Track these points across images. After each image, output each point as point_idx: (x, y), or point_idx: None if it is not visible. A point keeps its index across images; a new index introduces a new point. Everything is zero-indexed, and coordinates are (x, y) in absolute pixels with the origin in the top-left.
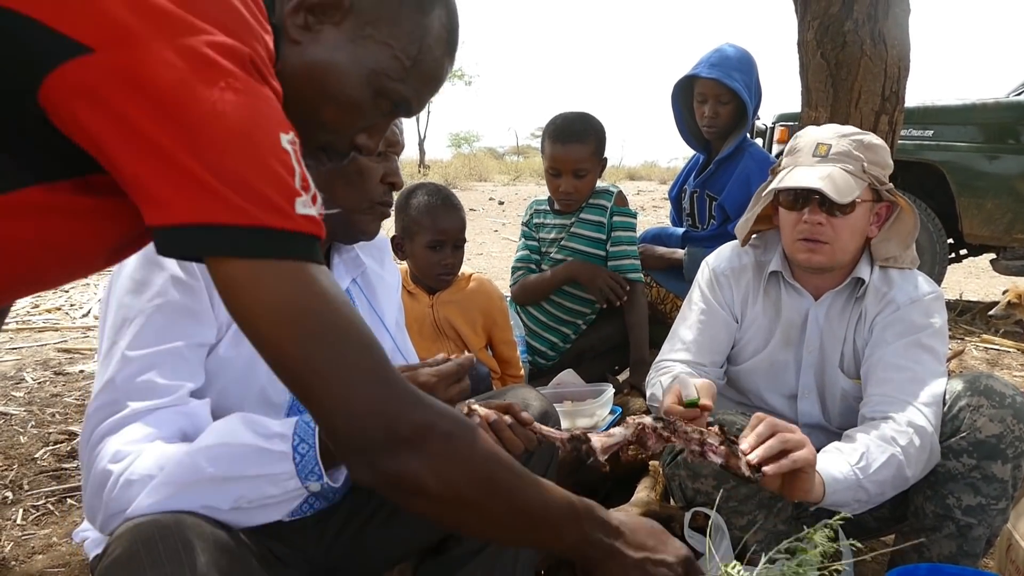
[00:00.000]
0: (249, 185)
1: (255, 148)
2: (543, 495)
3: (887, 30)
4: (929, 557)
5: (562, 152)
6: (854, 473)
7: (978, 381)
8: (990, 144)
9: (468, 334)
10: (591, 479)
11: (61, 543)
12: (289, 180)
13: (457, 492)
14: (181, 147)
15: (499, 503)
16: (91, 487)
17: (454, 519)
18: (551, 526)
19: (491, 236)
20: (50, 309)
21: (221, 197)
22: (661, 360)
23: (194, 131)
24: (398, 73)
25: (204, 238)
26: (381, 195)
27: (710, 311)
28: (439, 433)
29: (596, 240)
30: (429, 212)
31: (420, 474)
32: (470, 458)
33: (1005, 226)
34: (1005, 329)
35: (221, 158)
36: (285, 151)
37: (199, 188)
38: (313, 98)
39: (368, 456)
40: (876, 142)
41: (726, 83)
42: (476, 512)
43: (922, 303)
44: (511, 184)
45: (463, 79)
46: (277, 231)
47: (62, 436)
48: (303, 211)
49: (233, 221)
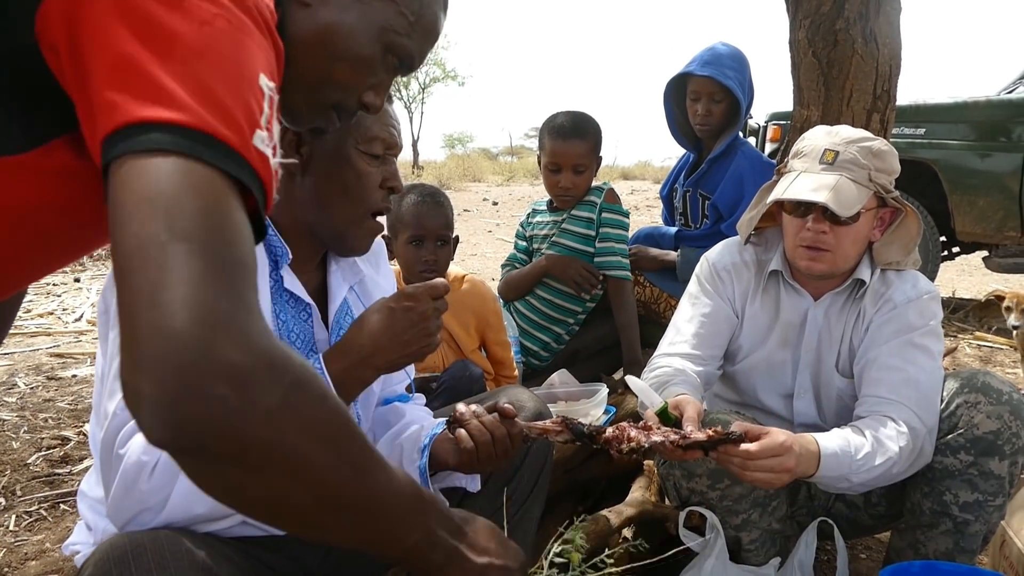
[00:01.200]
0: (213, 95)
1: (229, 70)
2: (392, 479)
3: (878, 29)
4: (925, 554)
5: (562, 148)
6: (849, 467)
7: (975, 378)
8: (982, 142)
9: (461, 335)
10: (585, 479)
11: (54, 549)
12: (256, 112)
13: (290, 456)
14: (149, 51)
15: (341, 481)
16: (122, 483)
17: (271, 496)
18: (396, 519)
19: (485, 237)
20: (42, 314)
21: (177, 100)
22: (658, 355)
23: (169, 39)
24: (404, 28)
25: (145, 133)
26: (380, 201)
27: (712, 304)
28: (286, 378)
29: (585, 236)
30: (411, 209)
31: (241, 423)
32: (318, 417)
33: (997, 224)
34: (997, 327)
35: (189, 65)
36: (260, 89)
37: (157, 90)
38: (326, 58)
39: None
40: (884, 148)
41: (720, 81)
42: (307, 489)
43: (919, 302)
44: (505, 185)
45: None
46: (222, 143)
47: (55, 441)
48: (259, 145)
49: (182, 121)
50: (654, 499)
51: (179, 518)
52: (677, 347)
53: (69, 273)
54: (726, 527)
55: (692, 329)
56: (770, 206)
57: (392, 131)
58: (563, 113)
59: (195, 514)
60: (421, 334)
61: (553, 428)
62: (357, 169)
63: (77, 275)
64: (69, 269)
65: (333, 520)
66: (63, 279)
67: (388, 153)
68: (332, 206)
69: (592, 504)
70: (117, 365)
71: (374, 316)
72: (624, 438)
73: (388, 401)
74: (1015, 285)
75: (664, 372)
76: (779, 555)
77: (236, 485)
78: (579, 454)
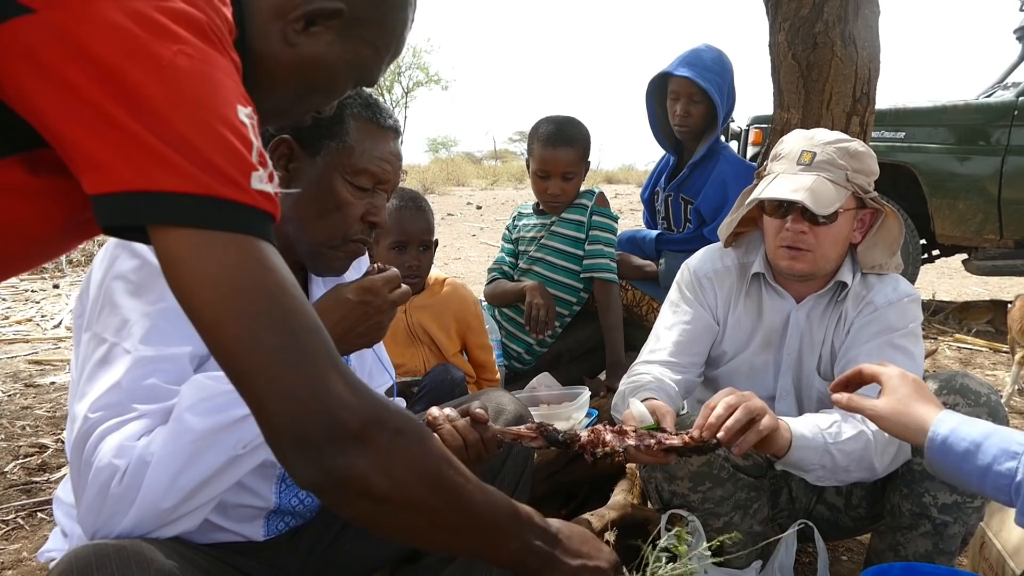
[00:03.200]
0: (200, 153)
1: (208, 116)
2: (490, 499)
3: (857, 32)
4: (905, 555)
5: (551, 155)
6: (823, 436)
7: (954, 380)
8: (961, 145)
9: (442, 339)
10: (568, 481)
11: (31, 558)
12: (245, 153)
13: (404, 492)
14: (125, 111)
15: (446, 505)
16: (93, 488)
17: (398, 523)
18: (496, 532)
19: (469, 240)
20: (20, 320)
21: (170, 163)
22: (638, 363)
23: (140, 95)
24: (377, 64)
25: (149, 205)
26: (357, 232)
27: (692, 312)
28: (389, 428)
29: (575, 239)
30: (394, 214)
31: (368, 471)
32: (419, 456)
33: (976, 227)
34: (977, 328)
35: (170, 124)
36: (242, 123)
37: (145, 152)
38: (301, 85)
39: (311, 451)
40: (861, 149)
41: (698, 82)
42: (422, 515)
43: (899, 305)
44: (489, 188)
45: (440, 84)
46: (229, 202)
47: (32, 449)
48: (258, 186)
49: (182, 188)
50: (636, 502)
51: (149, 515)
52: (657, 355)
53: (48, 279)
54: (707, 530)
55: (672, 337)
56: (751, 209)
57: (385, 167)
58: (552, 119)
59: (163, 509)
60: (374, 327)
61: (527, 434)
62: (338, 197)
63: (56, 281)
64: (48, 275)
65: (444, 536)
66: (42, 285)
67: (378, 187)
68: (307, 226)
69: (575, 507)
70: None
71: (331, 306)
72: (599, 442)
73: None
74: (994, 288)
75: (642, 379)
76: (760, 558)
77: (366, 513)
78: (561, 457)
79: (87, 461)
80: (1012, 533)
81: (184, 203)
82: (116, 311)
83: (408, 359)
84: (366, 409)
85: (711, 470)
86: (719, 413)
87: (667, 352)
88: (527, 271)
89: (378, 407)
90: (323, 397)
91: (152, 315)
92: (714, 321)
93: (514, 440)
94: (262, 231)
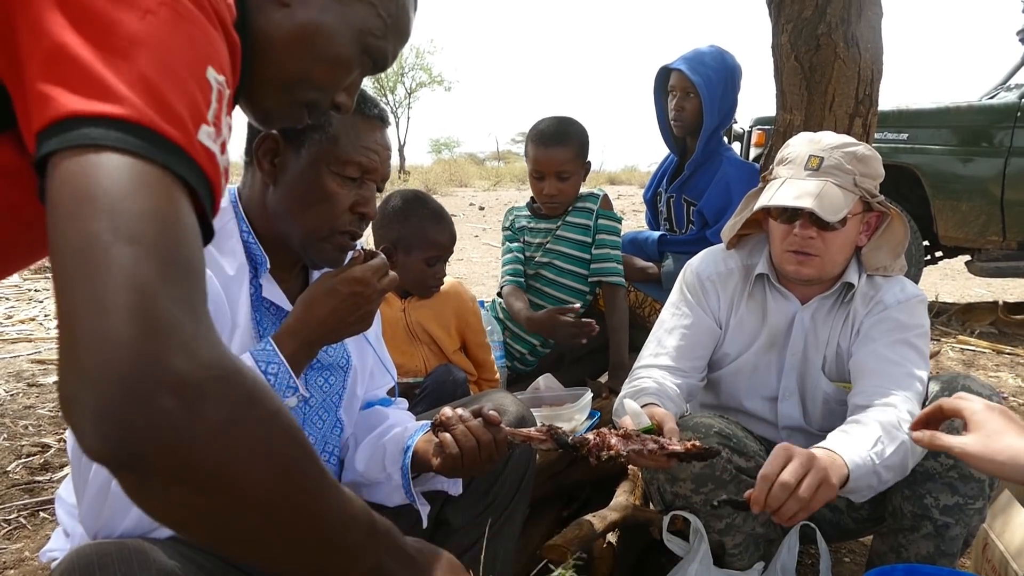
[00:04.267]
0: (153, 88)
1: (174, 61)
2: (347, 506)
3: (860, 33)
4: (907, 557)
5: (544, 155)
6: (871, 458)
7: (956, 382)
8: (964, 147)
9: (441, 337)
10: (570, 483)
11: (33, 558)
12: (202, 106)
13: (239, 479)
14: (89, 42)
15: (292, 506)
16: (94, 487)
17: (219, 523)
18: (347, 547)
19: (471, 241)
20: (24, 320)
21: (116, 93)
22: (639, 367)
23: (109, 30)
24: (381, 30)
25: (81, 128)
26: (346, 224)
27: (694, 316)
28: (238, 391)
29: (581, 243)
30: (428, 228)
31: (194, 440)
32: (271, 435)
33: (979, 228)
34: (980, 330)
35: (130, 57)
36: (207, 81)
37: (94, 83)
38: (305, 58)
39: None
40: (868, 153)
41: (689, 76)
42: (255, 515)
43: (908, 304)
44: (492, 189)
45: (443, 84)
46: (166, 139)
47: (35, 449)
48: (205, 141)
49: (121, 115)
50: (638, 503)
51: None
52: (659, 359)
53: (51, 279)
54: (710, 531)
55: (673, 341)
56: (755, 212)
57: (372, 156)
58: (547, 119)
59: None
60: (364, 316)
61: (538, 436)
62: (325, 188)
63: None
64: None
65: (280, 546)
66: (45, 284)
67: (366, 178)
68: (295, 219)
69: (577, 508)
70: None
71: (321, 298)
72: (604, 445)
73: (370, 404)
74: (997, 290)
75: (642, 383)
76: (762, 559)
77: (179, 504)
78: (564, 459)
79: (88, 460)
80: (1015, 535)
81: (118, 127)
82: None
83: (408, 359)
84: (215, 361)
85: (713, 472)
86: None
87: (668, 357)
88: (534, 276)
89: (233, 364)
90: (162, 333)
91: None
92: (716, 325)
93: (524, 442)
94: (189, 182)
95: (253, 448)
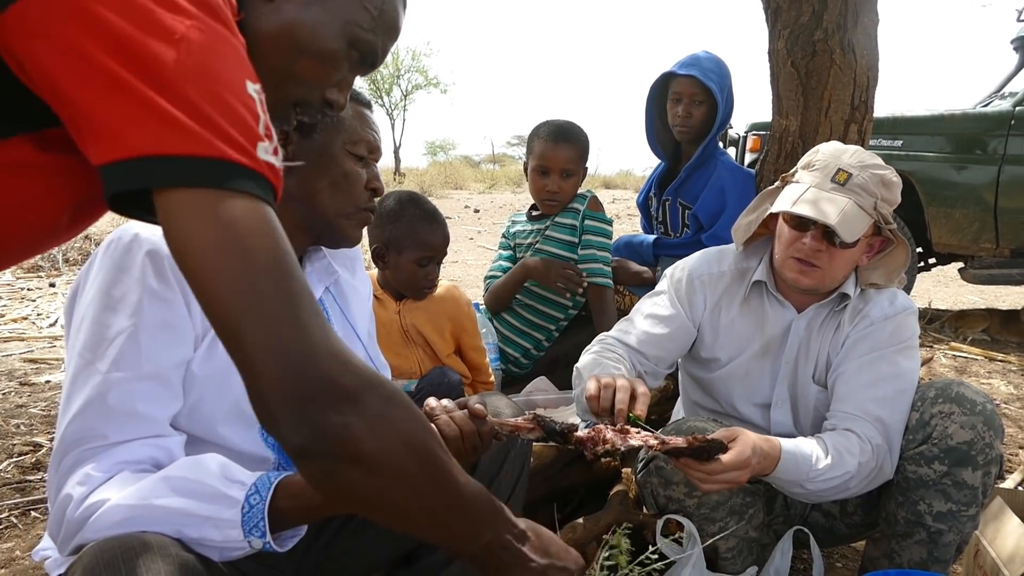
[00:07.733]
0: (210, 119)
1: (218, 86)
2: (471, 483)
3: (856, 39)
4: (900, 563)
5: (552, 151)
6: (806, 475)
7: (949, 388)
8: (958, 154)
9: (436, 340)
10: (564, 485)
11: (24, 557)
12: (252, 123)
13: (394, 461)
14: (138, 78)
15: (432, 482)
16: (55, 509)
17: (382, 496)
18: (474, 519)
19: (466, 244)
20: (16, 319)
21: (179, 126)
22: (607, 336)
23: (153, 65)
24: (368, 23)
25: (157, 169)
26: (366, 201)
27: (672, 310)
28: (381, 394)
29: (568, 243)
30: (420, 229)
31: (362, 434)
32: (410, 425)
33: (973, 235)
34: (973, 337)
35: (181, 90)
36: (250, 96)
37: (156, 117)
38: (291, 53)
39: (304, 407)
40: (894, 180)
41: (703, 82)
42: (407, 489)
43: (895, 319)
44: (487, 192)
45: (439, 87)
46: (237, 165)
47: (27, 448)
48: (264, 156)
49: (191, 151)
50: (632, 507)
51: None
52: (628, 338)
53: (44, 278)
54: (703, 535)
55: (646, 327)
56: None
57: (375, 135)
58: (553, 120)
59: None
60: None
61: (524, 425)
62: (344, 168)
63: (52, 280)
64: (44, 274)
65: (424, 517)
66: (38, 283)
67: (371, 156)
68: (321, 201)
69: (571, 511)
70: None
71: None
72: (600, 440)
73: None
74: (990, 297)
75: (607, 351)
76: (756, 564)
77: (354, 483)
78: (558, 460)
79: (57, 484)
80: (1007, 541)
81: (192, 165)
82: (93, 326)
83: (402, 361)
84: (360, 372)
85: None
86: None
87: (635, 339)
88: None
89: (370, 372)
90: (321, 355)
91: (128, 331)
92: (692, 326)
93: (512, 431)
94: (267, 196)
95: (398, 436)
